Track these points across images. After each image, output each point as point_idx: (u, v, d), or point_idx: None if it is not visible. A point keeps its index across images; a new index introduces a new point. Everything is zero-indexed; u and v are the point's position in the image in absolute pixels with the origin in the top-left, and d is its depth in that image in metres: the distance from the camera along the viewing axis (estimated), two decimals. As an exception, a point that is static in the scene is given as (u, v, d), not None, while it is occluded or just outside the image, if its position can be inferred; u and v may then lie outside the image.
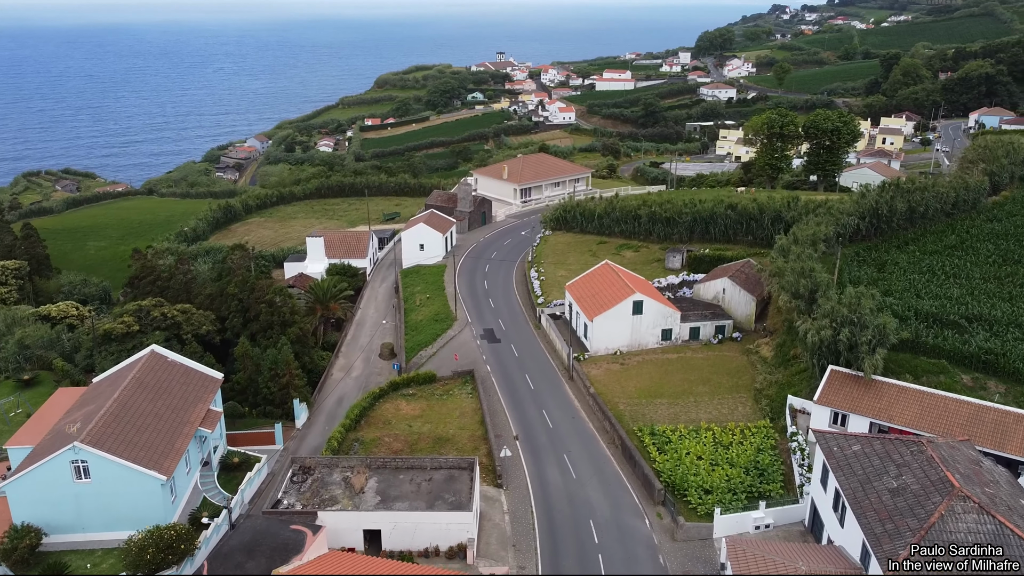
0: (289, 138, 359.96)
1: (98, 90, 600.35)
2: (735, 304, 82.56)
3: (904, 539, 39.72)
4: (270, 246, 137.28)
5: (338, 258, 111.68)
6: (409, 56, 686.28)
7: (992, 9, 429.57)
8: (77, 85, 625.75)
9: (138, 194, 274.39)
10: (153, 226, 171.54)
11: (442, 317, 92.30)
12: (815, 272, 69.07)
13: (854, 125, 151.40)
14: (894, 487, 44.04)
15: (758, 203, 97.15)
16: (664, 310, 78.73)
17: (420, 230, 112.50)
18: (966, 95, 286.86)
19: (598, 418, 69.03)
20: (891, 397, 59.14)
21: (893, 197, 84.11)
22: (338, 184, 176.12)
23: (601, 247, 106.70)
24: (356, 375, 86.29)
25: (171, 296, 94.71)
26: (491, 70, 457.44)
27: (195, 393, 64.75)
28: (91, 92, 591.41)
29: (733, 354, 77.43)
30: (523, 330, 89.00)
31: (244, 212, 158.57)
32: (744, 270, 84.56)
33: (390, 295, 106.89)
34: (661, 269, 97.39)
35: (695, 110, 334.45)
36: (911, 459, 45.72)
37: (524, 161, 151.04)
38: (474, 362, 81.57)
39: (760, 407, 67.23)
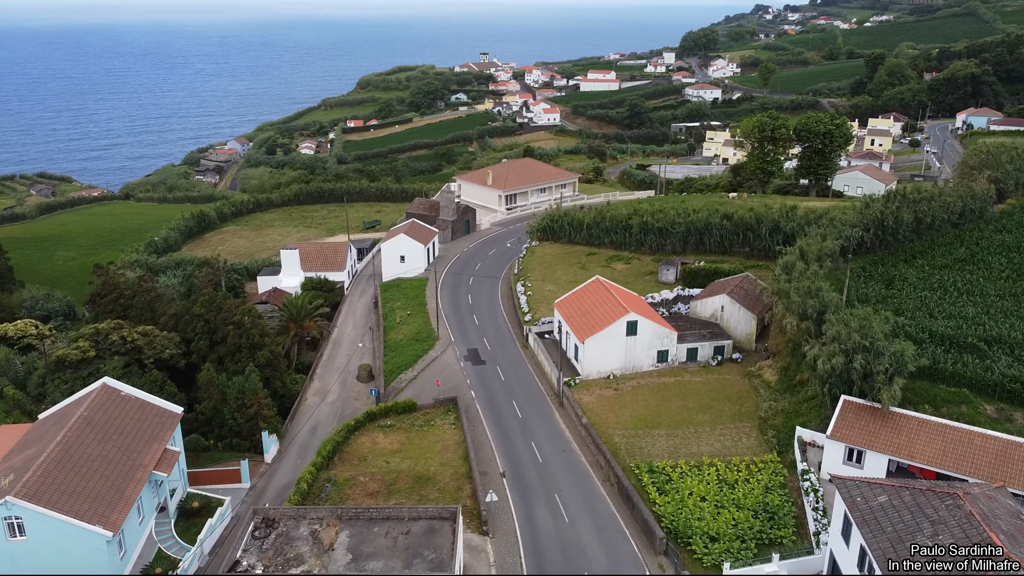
0: (270, 140, 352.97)
1: (77, 92, 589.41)
2: (734, 322, 77.31)
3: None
4: (244, 257, 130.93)
5: (314, 271, 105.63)
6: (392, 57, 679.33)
7: (974, 9, 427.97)
8: (56, 87, 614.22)
9: (115, 199, 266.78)
10: (125, 234, 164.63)
11: (424, 336, 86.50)
12: (822, 292, 63.86)
13: (846, 128, 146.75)
14: (930, 547, 38.78)
15: (755, 213, 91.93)
16: (660, 330, 73.33)
17: (400, 241, 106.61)
18: (952, 95, 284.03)
19: (591, 451, 63.48)
20: (911, 431, 53.99)
21: (899, 207, 79.06)
22: (317, 190, 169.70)
23: (590, 258, 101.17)
24: (332, 400, 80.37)
25: (134, 315, 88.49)
26: (475, 71, 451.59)
27: (151, 431, 58.65)
28: (70, 94, 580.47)
29: (734, 377, 72.12)
30: (509, 350, 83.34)
31: (219, 220, 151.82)
32: (743, 286, 79.30)
33: (369, 310, 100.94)
34: (654, 283, 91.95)
35: (680, 111, 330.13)
36: (947, 515, 40.46)
37: (509, 166, 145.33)
38: (457, 387, 75.85)
39: (766, 439, 61.88)
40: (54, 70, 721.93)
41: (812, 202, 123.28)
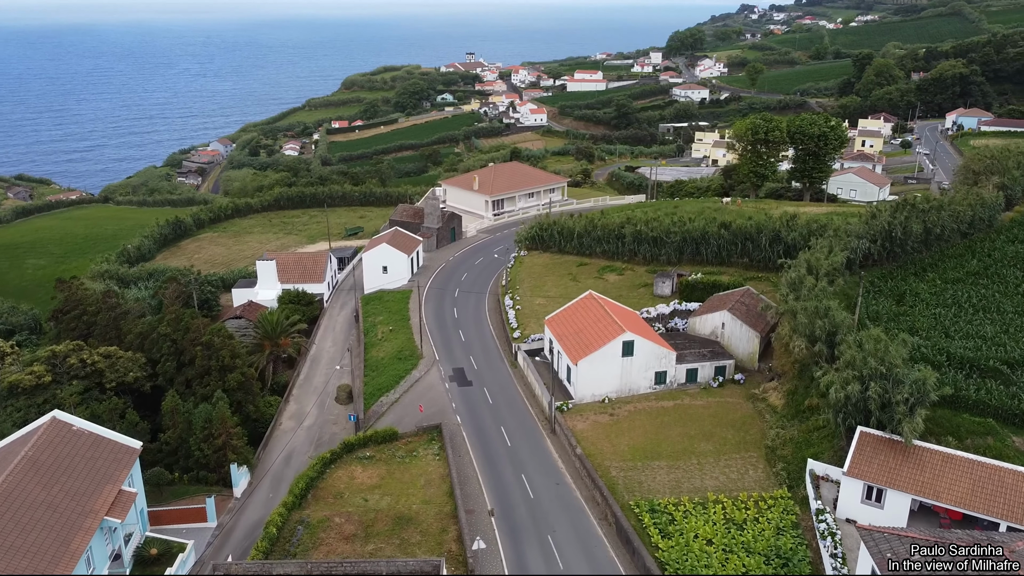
0: (254, 142, 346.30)
1: (59, 92, 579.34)
2: (736, 340, 72.48)
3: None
4: (220, 266, 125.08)
5: (292, 283, 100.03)
6: (378, 57, 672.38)
7: (960, 9, 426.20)
8: (38, 87, 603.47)
9: (93, 202, 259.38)
10: (99, 241, 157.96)
11: (406, 354, 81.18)
12: (833, 312, 59.06)
13: (841, 130, 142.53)
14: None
15: (754, 222, 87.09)
16: (658, 350, 68.37)
17: (383, 251, 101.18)
18: (940, 95, 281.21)
19: (587, 485, 58.42)
20: (935, 467, 49.22)
21: (908, 217, 74.39)
22: (298, 195, 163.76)
23: (581, 269, 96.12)
24: (309, 424, 74.96)
25: (99, 333, 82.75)
26: (461, 71, 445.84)
27: (105, 470, 53.08)
28: (52, 94, 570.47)
29: (736, 400, 67.27)
30: (498, 369, 78.16)
31: (195, 227, 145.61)
32: (744, 301, 74.48)
33: (349, 324, 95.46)
34: (649, 296, 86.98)
35: (668, 111, 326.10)
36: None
37: (496, 170, 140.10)
38: (442, 411, 70.63)
39: (775, 471, 57.00)
40: (36, 70, 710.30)
41: (810, 208, 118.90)
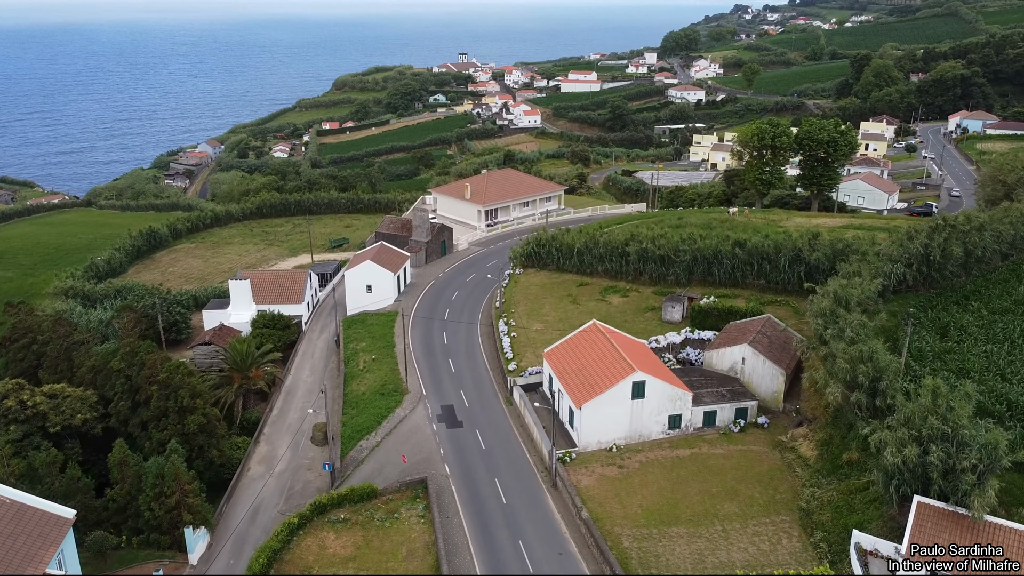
0: (242, 143, 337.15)
1: (49, 93, 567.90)
2: (758, 378, 64.20)
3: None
4: (196, 281, 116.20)
5: (268, 304, 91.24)
6: (370, 57, 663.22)
7: (956, 9, 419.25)
8: (27, 87, 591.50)
9: (76, 206, 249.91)
10: (71, 251, 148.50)
11: (390, 388, 72.61)
12: (877, 355, 50.80)
13: (851, 136, 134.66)
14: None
15: (772, 241, 78.76)
16: (672, 392, 60.02)
17: (367, 269, 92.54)
18: (941, 97, 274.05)
19: (595, 557, 50.03)
20: (1012, 548, 41.12)
21: (948, 239, 66.22)
22: (282, 202, 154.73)
23: (582, 290, 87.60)
24: (281, 470, 66.29)
25: (49, 364, 74.01)
26: (453, 71, 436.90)
27: (27, 549, 44.40)
28: (42, 95, 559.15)
29: (761, 449, 58.99)
30: (491, 407, 69.68)
31: (171, 237, 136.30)
32: (766, 332, 66.21)
33: (330, 350, 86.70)
34: (657, 321, 78.55)
35: (664, 112, 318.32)
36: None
37: (489, 178, 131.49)
38: (428, 459, 62.12)
39: (813, 541, 48.69)
40: (25, 70, 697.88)
41: (823, 219, 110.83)
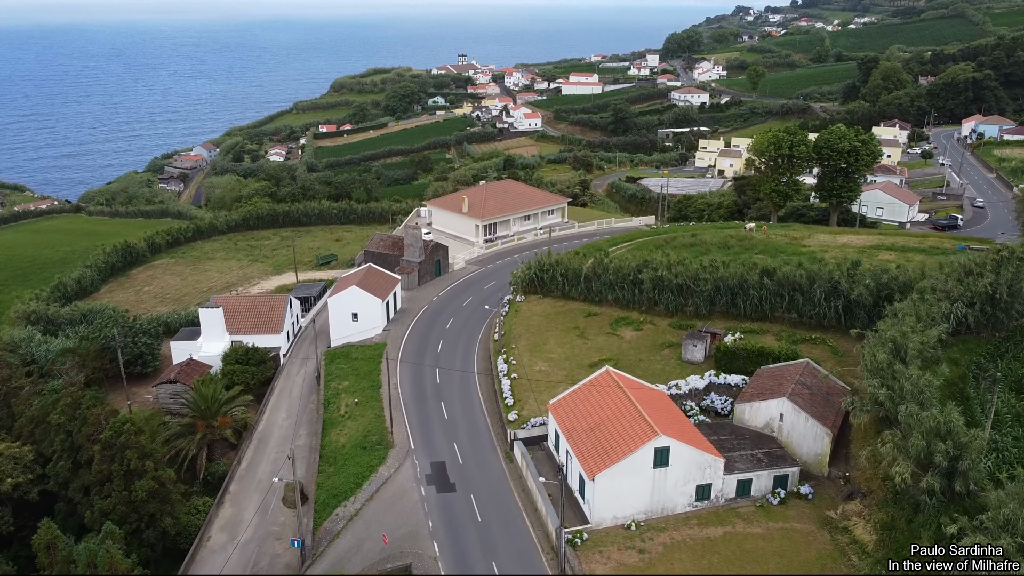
0: (238, 146, 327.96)
1: (46, 95, 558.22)
2: (798, 437, 54.71)
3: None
4: (172, 303, 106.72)
5: (244, 333, 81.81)
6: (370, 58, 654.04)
7: (963, 11, 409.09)
8: (25, 90, 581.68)
9: (64, 212, 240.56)
10: (46, 266, 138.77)
11: (373, 441, 63.10)
12: (957, 430, 41.35)
13: (874, 144, 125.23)
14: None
15: (806, 271, 69.18)
16: (701, 458, 50.55)
17: (352, 296, 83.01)
18: (953, 101, 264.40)
19: (613, 678, 40.74)
20: None
21: (1018, 272, 56.74)
22: (270, 213, 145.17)
23: (590, 321, 77.99)
24: (247, 539, 56.74)
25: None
26: (453, 73, 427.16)
27: None
28: (39, 97, 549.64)
29: (807, 527, 49.48)
30: (489, 464, 60.17)
31: (150, 252, 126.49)
32: (805, 381, 56.70)
33: (310, 388, 77.11)
34: (675, 361, 68.95)
35: (667, 116, 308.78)
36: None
37: (488, 190, 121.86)
38: (414, 534, 52.64)
39: (882, 662, 39.46)
40: (23, 72, 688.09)
41: (848, 236, 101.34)
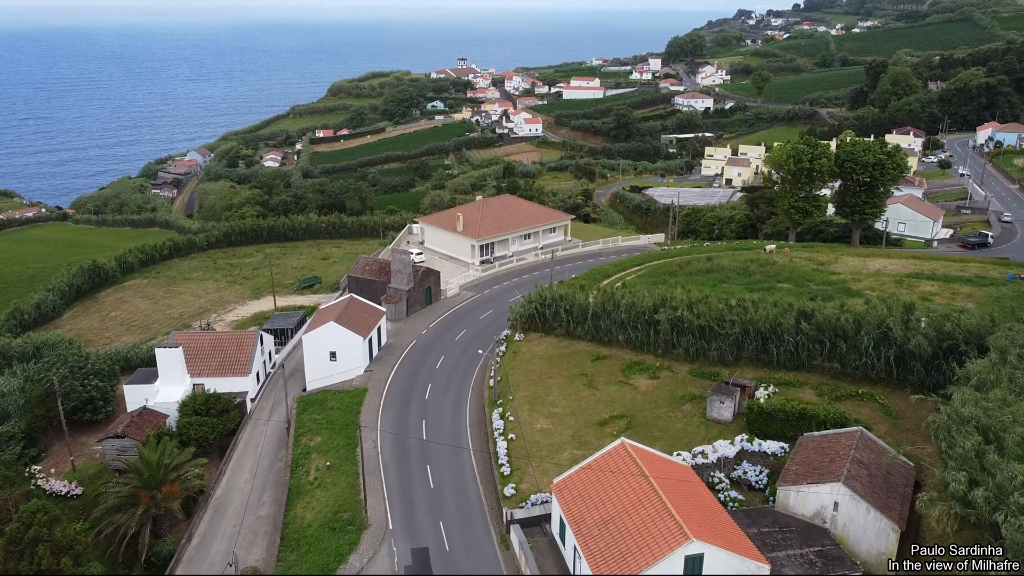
0: (233, 151, 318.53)
1: (45, 98, 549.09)
2: (856, 530, 44.55)
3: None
4: (139, 331, 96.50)
5: (207, 375, 71.64)
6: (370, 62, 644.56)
7: (970, 14, 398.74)
8: (23, 93, 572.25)
9: (50, 220, 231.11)
10: (13, 285, 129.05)
11: (344, 519, 52.83)
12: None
13: (900, 157, 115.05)
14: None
15: (851, 315, 59.00)
16: (742, 565, 40.40)
17: (330, 332, 72.79)
18: (965, 107, 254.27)
19: None
20: None
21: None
22: (253, 229, 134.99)
23: (599, 366, 67.65)
24: (188, 644, 46.78)
25: None
26: (452, 77, 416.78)
27: None
28: (38, 99, 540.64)
29: (874, 654, 39.47)
30: (481, 552, 49.88)
31: (120, 272, 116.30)
32: (862, 459, 46.50)
33: (279, 441, 66.80)
34: (700, 419, 58.60)
35: (670, 121, 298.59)
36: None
37: (484, 206, 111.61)
38: (389, 652, 42.57)
39: None
40: (22, 74, 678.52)
41: (879, 260, 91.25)
